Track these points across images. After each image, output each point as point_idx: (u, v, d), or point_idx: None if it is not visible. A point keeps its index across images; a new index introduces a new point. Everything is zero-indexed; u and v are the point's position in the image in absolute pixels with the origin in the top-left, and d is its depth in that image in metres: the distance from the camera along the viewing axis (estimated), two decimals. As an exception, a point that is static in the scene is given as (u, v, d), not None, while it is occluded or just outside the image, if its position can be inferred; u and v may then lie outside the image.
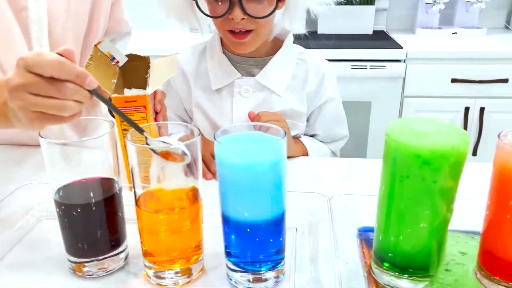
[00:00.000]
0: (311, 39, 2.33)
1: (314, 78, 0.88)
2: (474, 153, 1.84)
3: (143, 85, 0.66)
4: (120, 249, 0.53)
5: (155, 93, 0.68)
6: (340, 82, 1.99)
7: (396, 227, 0.47)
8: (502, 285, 0.47)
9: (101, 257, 0.51)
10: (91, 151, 0.49)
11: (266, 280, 0.50)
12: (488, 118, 1.81)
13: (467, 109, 1.81)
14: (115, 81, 0.65)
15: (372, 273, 0.51)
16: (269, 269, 0.49)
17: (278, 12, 0.82)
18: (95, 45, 0.64)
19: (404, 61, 1.78)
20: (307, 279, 0.50)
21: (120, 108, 0.55)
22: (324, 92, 0.89)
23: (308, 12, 0.85)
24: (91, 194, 0.50)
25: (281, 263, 0.51)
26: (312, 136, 0.93)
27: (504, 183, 0.46)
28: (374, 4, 2.10)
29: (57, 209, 0.50)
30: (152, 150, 0.46)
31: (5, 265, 0.54)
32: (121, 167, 0.53)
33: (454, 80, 1.78)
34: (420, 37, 2.07)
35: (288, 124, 0.84)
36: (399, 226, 0.47)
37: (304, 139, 0.89)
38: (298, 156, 0.84)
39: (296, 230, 0.59)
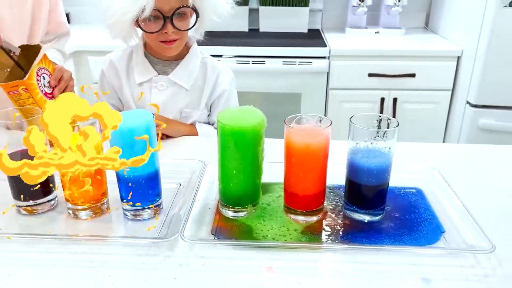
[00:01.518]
0: (253, 37, 2.62)
1: (211, 76, 1.15)
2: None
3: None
4: (51, 197, 0.78)
5: (53, 71, 0.93)
6: (274, 76, 2.27)
7: (226, 178, 0.74)
8: (291, 213, 0.75)
9: (37, 201, 0.77)
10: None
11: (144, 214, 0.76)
12: (400, 107, 2.11)
13: (382, 100, 2.11)
14: (8, 70, 0.89)
15: (219, 209, 0.78)
16: (148, 208, 0.76)
17: None
18: None
19: (328, 57, 2.06)
20: (174, 214, 0.77)
21: (9, 92, 0.84)
22: (219, 86, 1.16)
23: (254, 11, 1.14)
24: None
25: (159, 203, 0.77)
26: (212, 124, 1.20)
27: (288, 150, 0.73)
28: (308, 6, 2.37)
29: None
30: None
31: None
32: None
33: (370, 75, 2.07)
34: (348, 35, 2.35)
35: (187, 112, 1.14)
36: (228, 177, 0.74)
37: (197, 124, 1.16)
38: (189, 135, 1.13)
39: (180, 185, 0.86)
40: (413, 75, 2.05)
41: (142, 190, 0.74)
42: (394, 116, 2.12)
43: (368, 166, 0.71)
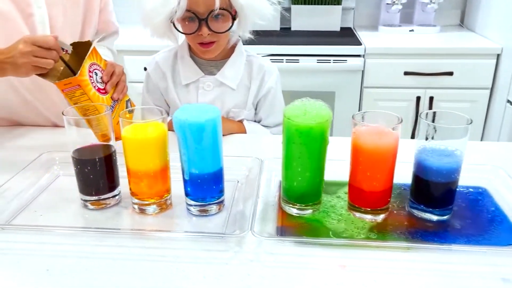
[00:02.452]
0: (285, 36, 2.62)
1: (257, 75, 1.14)
2: (413, 136, 2.10)
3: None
4: (116, 192, 0.79)
5: (105, 66, 0.94)
6: (307, 74, 2.25)
7: (291, 176, 0.74)
8: (357, 210, 0.74)
9: (102, 196, 0.78)
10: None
11: (210, 210, 0.76)
12: (437, 106, 2.08)
13: (418, 98, 2.08)
14: (61, 68, 0.90)
15: (281, 206, 0.78)
16: (214, 203, 0.76)
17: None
18: None
19: (363, 56, 2.04)
20: (238, 210, 0.77)
21: (63, 90, 0.85)
22: (265, 85, 1.15)
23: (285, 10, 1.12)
24: (96, 154, 0.76)
25: (222, 200, 0.77)
26: (259, 122, 1.20)
27: (356, 149, 0.72)
28: (341, 4, 2.35)
29: (74, 166, 0.76)
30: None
31: (38, 202, 0.80)
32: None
33: (406, 73, 2.04)
34: (382, 34, 2.32)
35: (235, 112, 1.14)
36: (293, 174, 0.73)
37: (245, 122, 1.15)
38: (238, 133, 1.12)
39: (238, 182, 0.86)
40: (450, 74, 2.02)
41: (208, 186, 0.74)
42: (430, 115, 2.09)
43: (439, 165, 0.70)
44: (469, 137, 0.69)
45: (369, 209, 0.74)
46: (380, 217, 0.74)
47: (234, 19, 1.04)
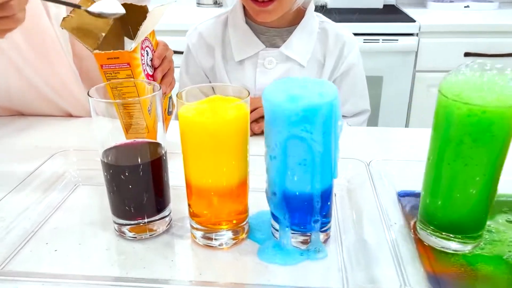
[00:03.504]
0: (322, 13, 2.30)
1: (334, 48, 0.87)
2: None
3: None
4: (166, 212, 0.53)
5: (156, 46, 0.66)
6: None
7: (446, 191, 0.47)
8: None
9: (146, 220, 0.51)
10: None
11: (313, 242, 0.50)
12: (500, 93, 1.80)
13: (479, 84, 1.80)
14: (103, 34, 0.60)
15: (417, 234, 0.51)
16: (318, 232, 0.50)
17: None
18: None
19: (417, 34, 1.76)
20: (353, 240, 0.51)
21: (102, 66, 0.56)
22: (344, 61, 0.88)
23: None
24: (139, 157, 0.50)
25: (329, 227, 0.51)
26: None
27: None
28: (384, -22, 2.06)
29: (105, 172, 0.50)
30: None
31: (49, 229, 0.54)
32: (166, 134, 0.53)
33: (467, 54, 1.77)
34: (431, 10, 2.04)
35: None
36: (449, 190, 0.47)
37: None
38: None
39: (335, 195, 0.60)
40: (518, 55, 1.74)
41: (310, 206, 0.48)
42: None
43: None
44: None
45: None
46: None
47: None
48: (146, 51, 0.62)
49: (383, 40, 1.77)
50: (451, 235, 0.48)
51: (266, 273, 0.47)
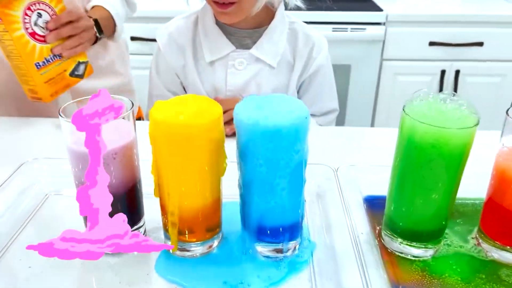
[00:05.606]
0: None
1: (303, 49, 0.88)
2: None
3: None
4: (140, 223, 0.54)
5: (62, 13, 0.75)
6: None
7: (409, 198, 0.50)
8: (496, 247, 0.52)
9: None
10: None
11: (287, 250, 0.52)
12: (463, 81, 1.87)
13: (443, 72, 1.86)
14: None
15: (382, 240, 0.54)
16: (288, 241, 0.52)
17: None
18: None
19: (384, 24, 1.80)
20: (323, 247, 0.53)
21: None
22: (313, 62, 0.88)
23: None
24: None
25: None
26: None
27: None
28: (353, -36, 2.07)
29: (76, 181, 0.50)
30: None
31: (18, 246, 0.54)
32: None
33: (432, 44, 1.81)
34: (399, 0, 2.07)
35: None
36: (412, 196, 0.50)
37: None
38: None
39: (305, 201, 0.62)
40: (480, 44, 1.80)
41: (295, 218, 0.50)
42: (455, 91, 1.89)
43: None
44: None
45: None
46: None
47: None
48: (38, 13, 0.72)
49: (351, 29, 1.80)
50: (413, 242, 0.51)
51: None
